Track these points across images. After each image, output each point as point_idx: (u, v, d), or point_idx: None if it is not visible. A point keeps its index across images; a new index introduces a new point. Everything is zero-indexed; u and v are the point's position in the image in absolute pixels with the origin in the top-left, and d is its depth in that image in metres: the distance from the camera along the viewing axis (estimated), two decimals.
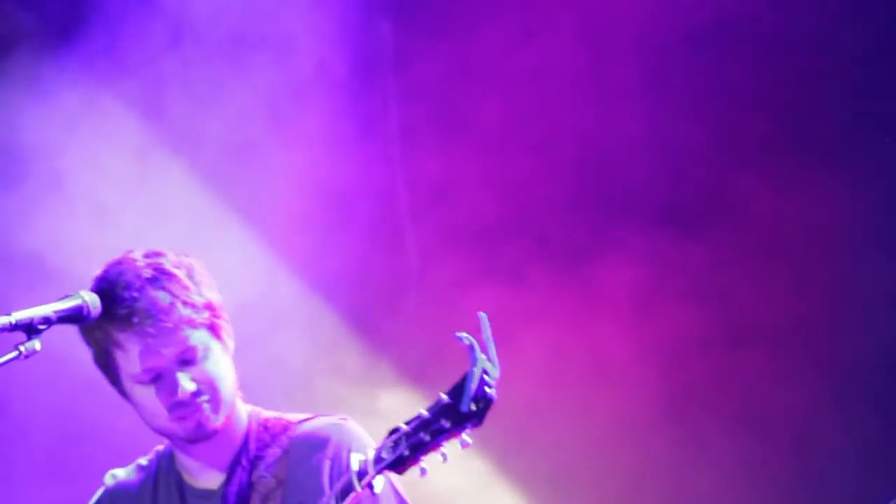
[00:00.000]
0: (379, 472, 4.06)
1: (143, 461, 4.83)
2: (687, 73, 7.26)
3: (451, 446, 4.00)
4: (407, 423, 4.05)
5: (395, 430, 4.07)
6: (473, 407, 3.93)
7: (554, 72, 7.39)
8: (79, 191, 7.56)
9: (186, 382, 4.47)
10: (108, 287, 4.45)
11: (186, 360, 4.49)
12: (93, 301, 4.44)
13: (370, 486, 4.10)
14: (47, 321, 4.36)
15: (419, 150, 7.55)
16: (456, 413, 3.95)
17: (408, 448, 4.01)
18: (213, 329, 4.52)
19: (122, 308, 4.44)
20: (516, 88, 7.44)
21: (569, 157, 7.37)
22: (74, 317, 4.43)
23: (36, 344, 4.33)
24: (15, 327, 4.31)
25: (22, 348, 4.31)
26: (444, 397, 3.99)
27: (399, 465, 4.02)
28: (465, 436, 3.96)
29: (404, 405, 7.12)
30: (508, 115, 7.46)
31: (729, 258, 7.22)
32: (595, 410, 7.21)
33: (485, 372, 3.92)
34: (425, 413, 4.01)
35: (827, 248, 7.15)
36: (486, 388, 3.92)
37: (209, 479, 4.67)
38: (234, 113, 7.56)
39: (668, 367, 7.17)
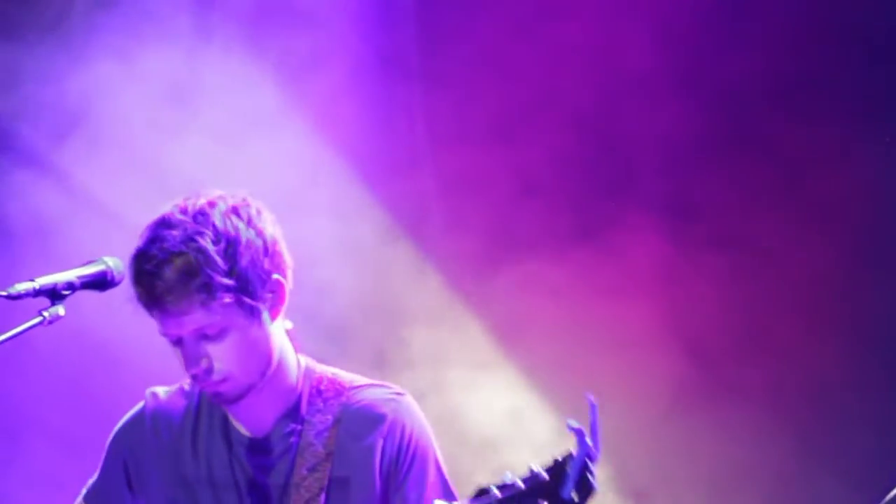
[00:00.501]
0: None
1: (186, 385, 4.71)
2: (700, 55, 7.28)
3: None
4: (499, 489, 3.92)
5: (484, 491, 3.93)
6: (575, 496, 3.82)
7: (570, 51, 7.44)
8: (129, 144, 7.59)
9: (201, 358, 4.41)
10: (136, 254, 4.38)
11: (205, 335, 4.41)
12: (116, 266, 4.42)
13: None
14: (71, 286, 4.36)
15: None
16: (555, 496, 3.84)
17: None
18: (242, 306, 4.41)
19: (142, 278, 4.37)
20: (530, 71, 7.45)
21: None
22: (98, 282, 4.42)
23: (59, 309, 4.33)
24: (39, 292, 4.31)
25: (46, 314, 4.31)
26: (544, 474, 3.87)
27: None
28: None
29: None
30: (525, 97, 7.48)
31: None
32: (615, 387, 7.23)
33: (589, 458, 3.83)
34: (521, 484, 3.88)
35: (864, 213, 7.16)
36: (590, 477, 3.83)
37: (257, 427, 4.56)
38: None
39: (693, 341, 7.20)
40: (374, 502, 4.46)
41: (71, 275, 4.38)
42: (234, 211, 4.41)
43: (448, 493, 4.50)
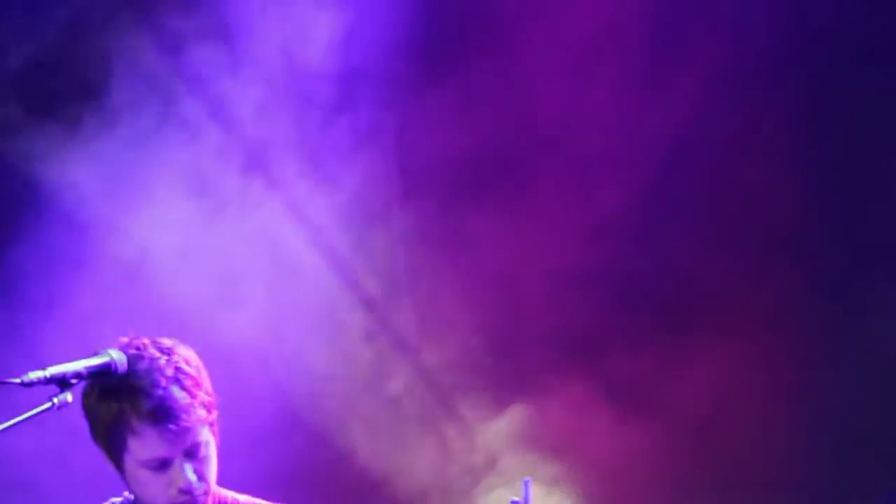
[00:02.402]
0: None
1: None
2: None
3: None
4: None
5: None
6: None
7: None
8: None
9: (190, 473, 4.70)
10: (136, 382, 4.66)
11: (192, 453, 4.71)
12: (120, 359, 4.65)
13: None
14: (78, 376, 4.57)
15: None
16: None
17: None
18: (212, 426, 4.76)
19: (149, 402, 4.64)
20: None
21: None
22: (103, 373, 4.64)
23: (68, 396, 4.52)
24: (49, 381, 4.50)
25: (55, 400, 4.50)
26: None
27: None
28: None
29: None
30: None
31: None
32: None
33: None
34: None
35: None
36: None
37: None
38: None
39: None
40: None
41: (79, 365, 4.57)
42: (179, 345, 4.76)
43: None
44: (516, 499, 4.30)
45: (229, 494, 5.00)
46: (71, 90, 7.67)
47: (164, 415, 4.65)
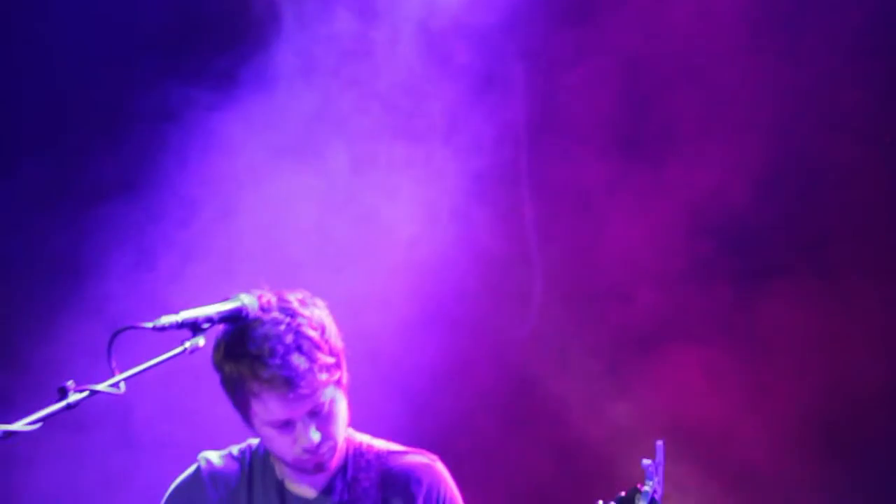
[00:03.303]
0: None
1: (234, 451, 5.14)
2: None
3: None
4: None
5: None
6: None
7: None
8: None
9: (313, 433, 4.79)
10: (255, 349, 4.73)
11: (315, 412, 4.80)
12: (251, 304, 4.72)
13: None
14: (210, 320, 4.62)
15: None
16: None
17: None
18: (338, 382, 4.84)
19: (266, 371, 4.72)
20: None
21: None
22: (234, 317, 4.71)
23: (199, 341, 4.58)
24: (182, 325, 4.55)
25: (187, 344, 4.55)
26: None
27: None
28: None
29: None
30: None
31: None
32: None
33: (655, 492, 4.27)
34: None
35: None
36: None
37: (307, 489, 5.03)
38: None
39: None
40: None
41: (211, 310, 4.63)
42: (305, 302, 4.82)
43: None
44: (647, 461, 4.31)
45: (365, 440, 5.08)
46: (229, 44, 7.75)
47: (281, 383, 4.72)
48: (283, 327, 4.74)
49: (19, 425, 4.17)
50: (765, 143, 7.30)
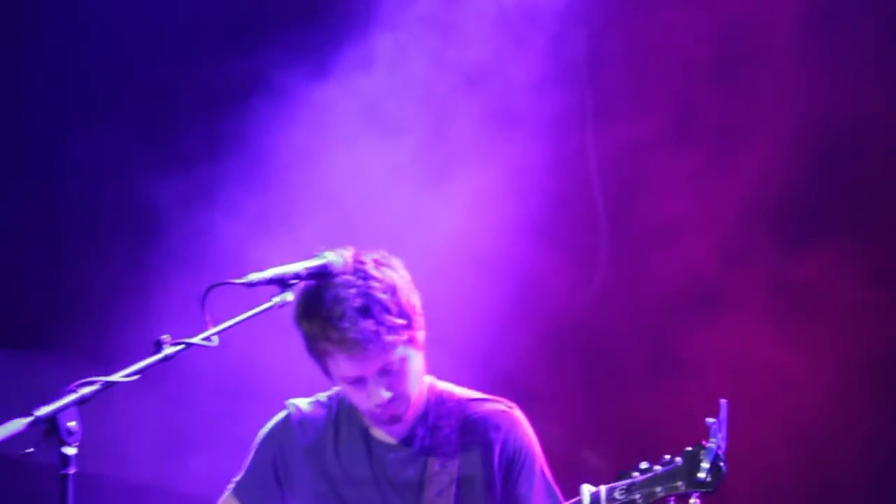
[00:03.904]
0: None
1: (322, 398, 5.30)
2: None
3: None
4: (640, 472, 4.56)
5: (625, 476, 4.59)
6: (708, 477, 4.44)
7: None
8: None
9: (384, 391, 4.99)
10: (324, 311, 4.87)
11: (386, 370, 4.97)
12: (336, 261, 4.91)
13: None
14: (297, 276, 4.78)
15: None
16: (691, 478, 4.47)
17: (641, 496, 4.54)
18: (409, 341, 5.03)
19: (335, 333, 4.88)
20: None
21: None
22: (321, 273, 4.88)
23: (287, 296, 4.73)
24: (270, 281, 4.71)
25: (276, 299, 4.70)
26: (679, 460, 4.51)
27: None
28: (693, 499, 4.48)
29: None
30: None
31: None
32: None
33: (719, 448, 4.45)
34: (659, 468, 4.53)
35: None
36: (722, 464, 4.45)
37: (390, 434, 5.19)
38: None
39: None
40: (494, 497, 5.13)
41: (298, 267, 4.79)
42: (381, 263, 4.98)
43: (551, 491, 5.18)
44: (711, 419, 4.48)
45: (446, 388, 5.29)
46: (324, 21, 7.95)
47: (350, 345, 4.92)
48: (353, 290, 4.86)
49: (118, 376, 4.29)
50: (817, 123, 7.38)
